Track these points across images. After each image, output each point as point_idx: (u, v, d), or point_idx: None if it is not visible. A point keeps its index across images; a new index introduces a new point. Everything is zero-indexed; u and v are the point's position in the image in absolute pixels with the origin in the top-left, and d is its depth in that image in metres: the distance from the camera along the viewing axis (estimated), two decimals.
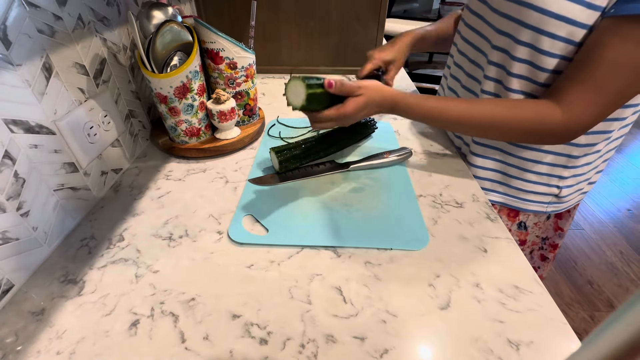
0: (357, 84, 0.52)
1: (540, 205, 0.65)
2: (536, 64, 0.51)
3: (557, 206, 0.65)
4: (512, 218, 0.68)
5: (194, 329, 0.38)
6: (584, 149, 0.58)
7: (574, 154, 0.58)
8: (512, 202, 0.65)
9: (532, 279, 0.44)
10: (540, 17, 0.47)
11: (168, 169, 0.64)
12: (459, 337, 0.38)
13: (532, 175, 0.61)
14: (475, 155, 0.65)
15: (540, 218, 0.69)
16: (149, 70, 0.57)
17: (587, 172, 0.63)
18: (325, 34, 0.97)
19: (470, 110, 0.53)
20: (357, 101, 0.52)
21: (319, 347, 0.37)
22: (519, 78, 0.53)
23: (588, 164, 0.61)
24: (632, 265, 1.59)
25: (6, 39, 0.39)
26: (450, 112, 0.54)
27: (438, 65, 3.56)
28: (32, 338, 0.38)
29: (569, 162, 0.59)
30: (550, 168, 0.60)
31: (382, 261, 0.46)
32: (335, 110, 0.52)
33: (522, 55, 0.51)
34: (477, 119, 0.53)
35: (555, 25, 0.46)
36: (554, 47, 0.48)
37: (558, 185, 0.62)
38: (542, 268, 0.80)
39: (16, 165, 0.41)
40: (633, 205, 1.92)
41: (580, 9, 0.44)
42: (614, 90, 0.45)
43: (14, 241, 0.41)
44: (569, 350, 0.36)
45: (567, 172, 0.60)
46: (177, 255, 0.47)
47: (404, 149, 0.65)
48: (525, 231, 0.70)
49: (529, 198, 0.64)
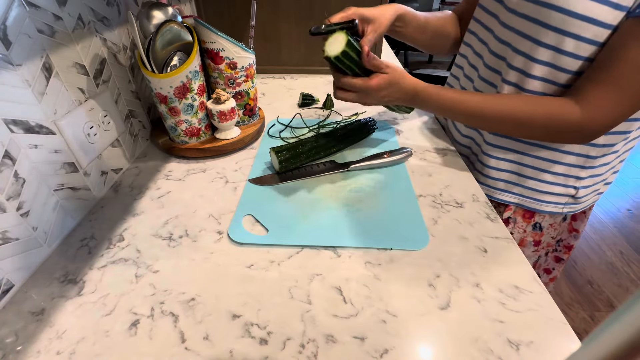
0: (385, 62, 0.53)
1: (556, 206, 0.64)
2: (559, 66, 0.50)
3: (573, 207, 0.64)
4: (527, 219, 0.67)
5: (194, 329, 0.38)
6: (602, 149, 0.56)
7: (591, 154, 0.57)
8: (527, 203, 0.64)
9: (532, 279, 0.44)
10: (563, 18, 0.46)
11: (168, 169, 0.64)
12: (459, 337, 0.38)
13: (548, 175, 0.60)
14: (488, 156, 0.63)
15: (555, 219, 0.67)
16: (149, 70, 0.57)
17: (605, 173, 0.61)
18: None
19: (489, 102, 0.53)
20: (382, 77, 0.53)
21: (319, 347, 0.37)
22: (539, 80, 0.52)
23: (606, 165, 0.60)
24: (632, 265, 1.59)
25: (6, 39, 0.39)
26: (468, 104, 0.54)
27: (438, 65, 3.57)
28: (32, 338, 0.38)
29: (587, 162, 0.58)
30: (568, 168, 0.59)
31: (382, 261, 0.46)
32: (362, 81, 0.53)
33: (544, 57, 0.50)
34: (495, 112, 0.53)
35: (579, 26, 0.45)
36: (578, 48, 0.47)
37: (575, 186, 0.61)
38: (556, 269, 0.78)
39: (16, 165, 0.41)
40: (633, 205, 1.92)
41: (607, 10, 0.43)
42: (636, 91, 0.44)
43: (14, 241, 0.41)
44: (569, 350, 0.36)
45: (585, 172, 0.59)
46: (177, 255, 0.47)
47: (404, 149, 0.65)
48: (540, 232, 0.69)
49: (545, 199, 0.63)
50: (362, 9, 0.61)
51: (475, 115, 0.55)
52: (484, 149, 0.64)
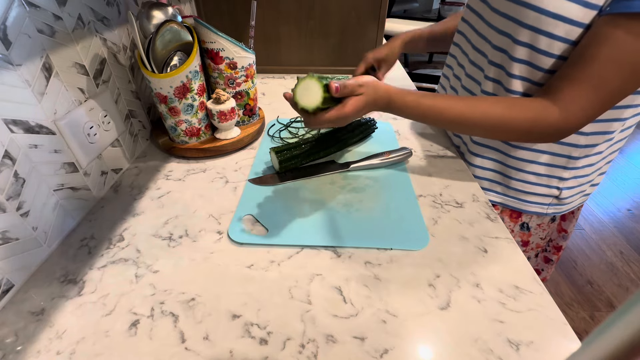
0: (357, 81, 0.51)
1: (540, 206, 0.64)
2: (535, 64, 0.51)
3: (558, 208, 0.65)
4: (515, 219, 0.67)
5: (194, 329, 0.38)
6: (584, 149, 0.57)
7: (574, 155, 0.58)
8: (512, 203, 0.65)
9: (532, 279, 0.44)
10: (537, 16, 0.47)
11: (168, 169, 0.64)
12: (459, 337, 0.38)
13: (530, 176, 0.61)
14: (474, 155, 0.65)
15: (543, 220, 0.68)
16: (149, 70, 0.57)
17: (590, 174, 0.62)
18: (325, 34, 0.97)
19: (469, 110, 0.52)
20: (358, 100, 0.50)
21: (319, 347, 0.37)
22: (519, 79, 0.53)
23: (590, 165, 0.60)
24: (632, 265, 1.59)
25: (6, 39, 0.39)
26: (448, 112, 0.53)
27: (438, 65, 3.56)
28: (32, 338, 0.38)
29: (569, 163, 0.59)
30: (549, 169, 0.60)
31: (382, 261, 0.46)
32: (336, 112, 0.50)
33: (521, 56, 0.51)
34: (476, 119, 0.52)
35: (552, 24, 0.46)
36: (552, 46, 0.48)
37: (558, 187, 0.62)
38: (545, 270, 0.79)
39: (16, 165, 0.41)
40: (633, 205, 1.92)
41: (577, 8, 0.44)
42: (610, 88, 0.45)
43: (14, 241, 0.41)
44: (569, 350, 0.36)
45: (567, 173, 0.60)
46: (177, 255, 0.47)
47: (404, 149, 0.65)
48: (527, 232, 0.69)
49: (529, 199, 0.64)
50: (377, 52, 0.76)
51: (455, 124, 0.54)
52: (470, 147, 0.65)
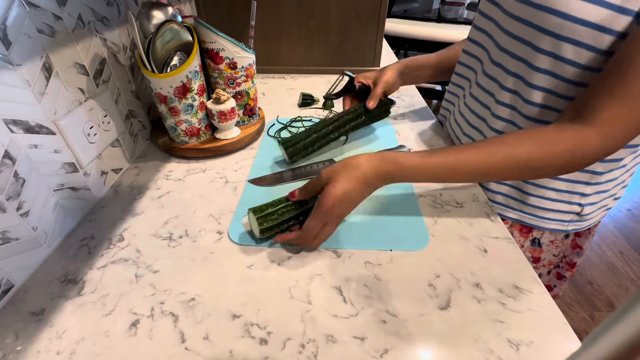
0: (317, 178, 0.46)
1: (560, 223, 0.59)
2: (559, 75, 0.46)
3: (579, 224, 0.60)
4: (525, 234, 0.63)
5: (194, 329, 0.38)
6: (609, 164, 0.53)
7: (598, 170, 0.53)
8: (529, 220, 0.60)
9: (532, 279, 0.44)
10: (560, 22, 0.43)
11: (168, 169, 0.64)
12: (459, 337, 0.38)
13: (550, 192, 0.56)
14: None
15: (557, 236, 0.63)
16: (149, 70, 0.57)
17: (612, 188, 0.57)
18: (325, 34, 0.97)
19: (488, 157, 0.45)
20: (329, 190, 0.43)
21: (319, 347, 0.37)
22: (539, 90, 0.49)
23: (613, 180, 0.56)
24: (632, 265, 1.59)
25: (6, 39, 0.39)
26: (463, 166, 0.46)
27: None
28: (32, 338, 0.38)
29: (593, 178, 0.54)
30: (571, 185, 0.55)
31: (382, 261, 0.46)
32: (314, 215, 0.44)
33: (543, 65, 0.47)
34: (498, 166, 0.45)
35: (577, 31, 0.42)
36: (579, 56, 0.44)
37: (580, 203, 0.57)
38: (558, 287, 0.74)
39: (16, 165, 0.41)
40: (633, 205, 1.92)
41: (606, 13, 0.40)
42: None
43: (14, 241, 0.41)
44: (569, 350, 0.36)
45: (590, 188, 0.55)
46: (177, 255, 0.47)
47: (402, 147, 0.65)
48: (539, 248, 0.65)
49: (548, 216, 0.59)
50: (370, 74, 0.72)
51: (475, 176, 0.47)
52: None
